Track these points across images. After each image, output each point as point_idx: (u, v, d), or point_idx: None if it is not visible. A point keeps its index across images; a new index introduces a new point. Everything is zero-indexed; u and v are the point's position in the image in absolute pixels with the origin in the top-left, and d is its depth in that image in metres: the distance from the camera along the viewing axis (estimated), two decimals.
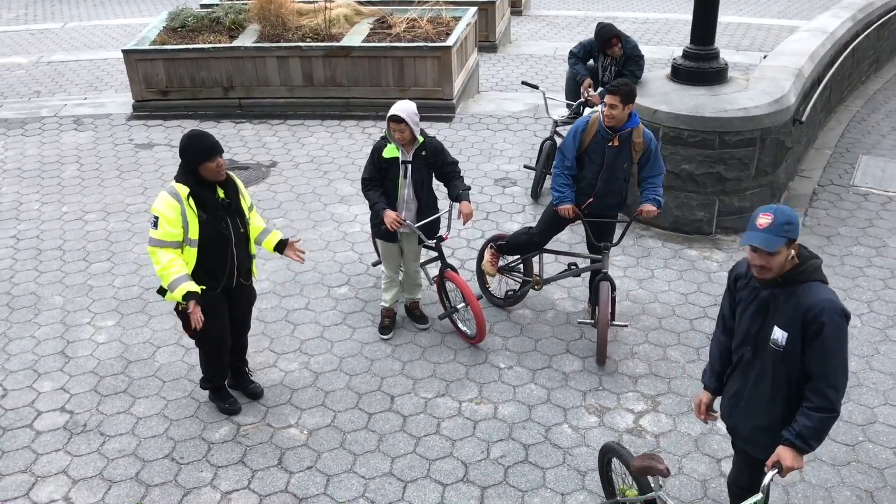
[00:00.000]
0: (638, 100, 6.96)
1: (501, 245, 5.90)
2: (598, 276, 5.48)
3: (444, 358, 5.60)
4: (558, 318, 5.97)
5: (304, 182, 8.24)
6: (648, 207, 5.29)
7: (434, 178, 5.51)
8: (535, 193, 7.62)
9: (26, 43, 13.80)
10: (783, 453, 3.28)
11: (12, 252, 7.07)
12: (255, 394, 5.23)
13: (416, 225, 5.39)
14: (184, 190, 4.42)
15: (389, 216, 5.19)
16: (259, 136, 9.36)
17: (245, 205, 4.72)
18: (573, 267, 5.80)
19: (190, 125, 9.56)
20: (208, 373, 5.05)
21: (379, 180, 5.34)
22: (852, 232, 7.09)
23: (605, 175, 5.35)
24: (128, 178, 8.41)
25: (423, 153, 5.33)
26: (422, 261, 5.78)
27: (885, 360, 5.51)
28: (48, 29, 14.80)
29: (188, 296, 4.45)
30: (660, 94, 7.01)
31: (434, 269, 6.16)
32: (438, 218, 5.57)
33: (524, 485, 4.56)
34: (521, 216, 7.42)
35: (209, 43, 9.93)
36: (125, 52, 9.79)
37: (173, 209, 4.40)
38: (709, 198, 6.90)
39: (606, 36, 7.47)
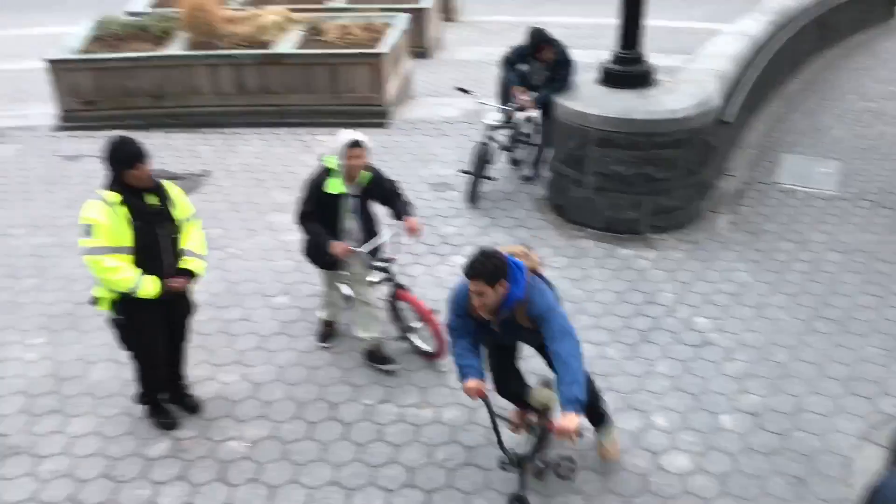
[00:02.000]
0: (569, 103, 7.08)
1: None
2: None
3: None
4: None
5: (240, 191, 8.12)
6: (564, 425, 3.70)
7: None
8: (472, 197, 7.66)
9: None
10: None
11: None
12: (193, 407, 5.14)
13: (363, 249, 5.23)
14: (115, 197, 4.33)
15: (339, 248, 5.02)
16: (191, 145, 9.19)
17: (179, 214, 4.61)
18: None
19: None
20: (144, 387, 4.94)
21: (317, 214, 5.13)
22: (777, 228, 7.33)
23: (504, 354, 4.43)
24: (55, 191, 8.17)
25: (369, 186, 5.18)
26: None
27: (811, 350, 5.72)
28: None
29: (160, 286, 4.46)
30: (590, 97, 7.13)
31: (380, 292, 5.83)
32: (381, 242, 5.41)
33: (469, 487, 4.58)
34: (458, 220, 7.45)
35: (137, 51, 9.72)
36: (50, 61, 9.51)
37: (107, 215, 4.30)
38: (639, 198, 7.04)
39: (537, 41, 7.58)
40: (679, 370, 5.51)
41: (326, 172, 5.08)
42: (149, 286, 4.44)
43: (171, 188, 4.64)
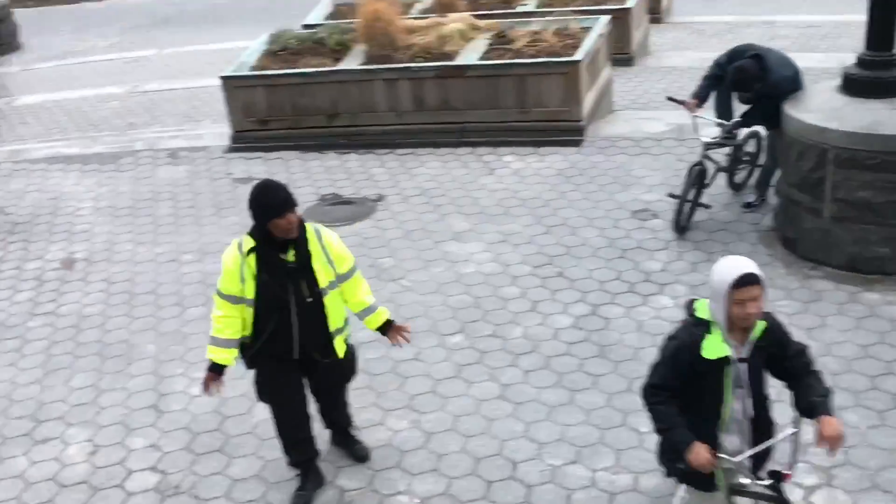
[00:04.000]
0: (803, 116, 6.78)
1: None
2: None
3: (575, 419, 5.55)
4: None
5: (414, 217, 8.42)
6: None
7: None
8: (680, 227, 7.49)
9: (120, 72, 14.80)
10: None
11: (104, 297, 7.54)
12: (360, 456, 5.33)
13: (746, 455, 3.84)
14: (248, 244, 4.52)
15: (701, 457, 3.67)
16: (365, 167, 9.64)
17: (327, 268, 4.61)
18: None
19: (292, 157, 9.97)
20: (282, 445, 5.07)
21: (677, 389, 3.85)
22: None
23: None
24: (226, 215, 8.83)
25: (763, 343, 3.80)
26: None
27: None
28: (143, 56, 15.83)
29: (212, 366, 4.68)
30: (829, 109, 6.79)
31: None
32: (774, 444, 3.99)
33: None
34: (664, 253, 7.31)
35: (312, 67, 10.36)
36: (223, 78, 10.33)
37: (234, 262, 4.53)
38: (891, 230, 6.60)
39: (737, 79, 7.18)
40: None
41: (699, 326, 3.80)
42: (219, 354, 4.68)
43: (327, 237, 4.66)
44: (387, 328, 4.95)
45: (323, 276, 4.61)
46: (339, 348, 4.83)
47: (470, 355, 6.28)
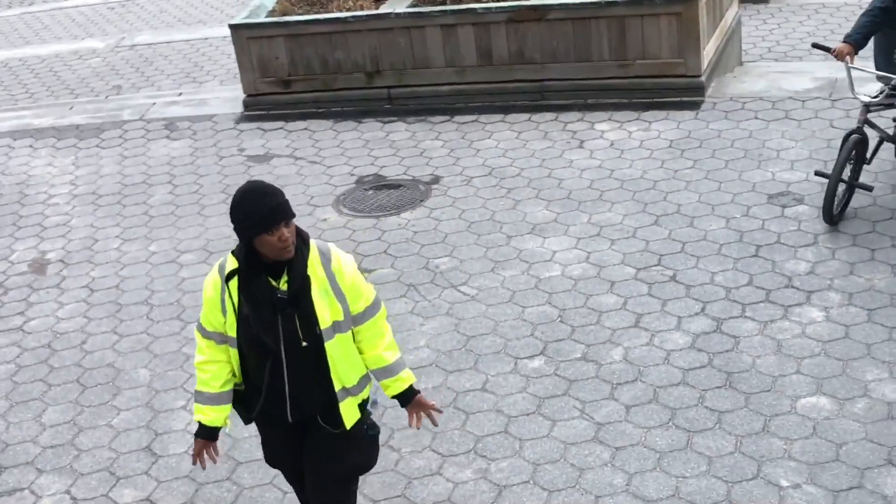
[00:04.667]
0: None
1: None
2: None
3: (693, 469, 5.49)
4: (874, 411, 5.71)
5: (479, 205, 8.41)
6: None
7: None
8: (833, 215, 7.36)
9: (103, 20, 15.05)
10: None
11: (84, 308, 7.67)
12: None
13: None
14: (231, 265, 4.33)
15: None
16: (416, 139, 9.66)
17: (333, 304, 4.34)
18: None
19: (322, 128, 10.03)
20: None
21: None
22: None
23: None
24: None
25: None
26: None
27: None
28: (132, 1, 16.05)
29: (200, 429, 4.62)
30: None
31: None
32: None
33: None
34: (810, 250, 7.19)
35: (347, 10, 10.41)
36: (233, 27, 10.45)
37: (214, 287, 4.39)
38: None
39: None
40: None
41: None
42: (207, 413, 4.59)
43: (337, 261, 4.40)
44: (408, 399, 4.62)
45: (326, 313, 4.33)
46: (349, 416, 4.47)
47: (554, 385, 6.25)
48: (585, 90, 9.73)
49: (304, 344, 4.31)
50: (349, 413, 4.46)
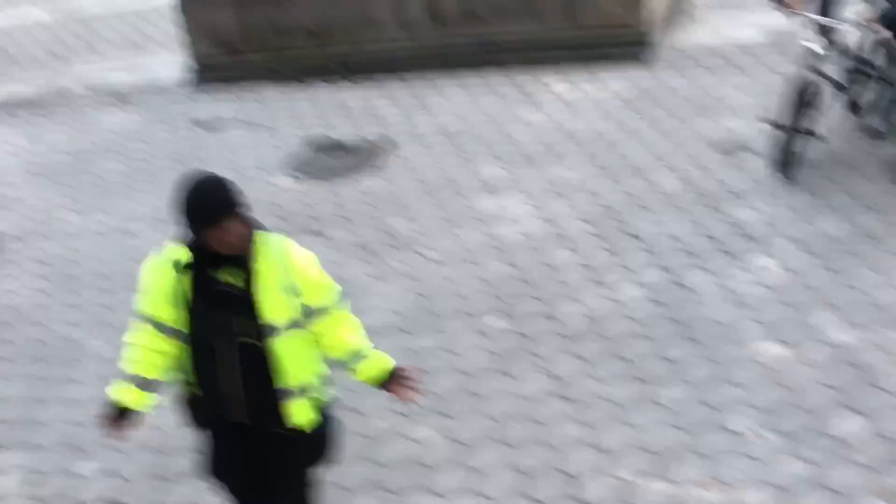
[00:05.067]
0: None
1: None
2: None
3: (651, 419, 5.55)
4: (827, 355, 5.80)
5: (433, 164, 8.41)
6: None
7: None
8: (783, 164, 7.40)
9: None
10: None
11: (40, 282, 7.62)
12: None
13: None
14: (182, 256, 4.18)
15: None
16: (367, 101, 9.62)
17: (286, 300, 4.19)
18: None
19: (272, 93, 9.97)
20: None
21: None
22: None
23: None
24: (187, 171, 8.84)
25: None
26: None
27: None
28: None
29: (113, 404, 4.44)
30: None
31: None
32: None
33: None
34: (761, 199, 7.24)
35: None
36: None
37: (159, 277, 4.25)
38: None
39: None
40: None
41: None
42: (124, 395, 4.43)
43: (296, 256, 4.28)
44: (387, 381, 4.51)
45: (276, 309, 4.18)
46: (300, 416, 4.35)
47: (512, 341, 6.29)
48: (535, 48, 9.69)
49: (249, 341, 4.19)
50: (300, 414, 4.33)
